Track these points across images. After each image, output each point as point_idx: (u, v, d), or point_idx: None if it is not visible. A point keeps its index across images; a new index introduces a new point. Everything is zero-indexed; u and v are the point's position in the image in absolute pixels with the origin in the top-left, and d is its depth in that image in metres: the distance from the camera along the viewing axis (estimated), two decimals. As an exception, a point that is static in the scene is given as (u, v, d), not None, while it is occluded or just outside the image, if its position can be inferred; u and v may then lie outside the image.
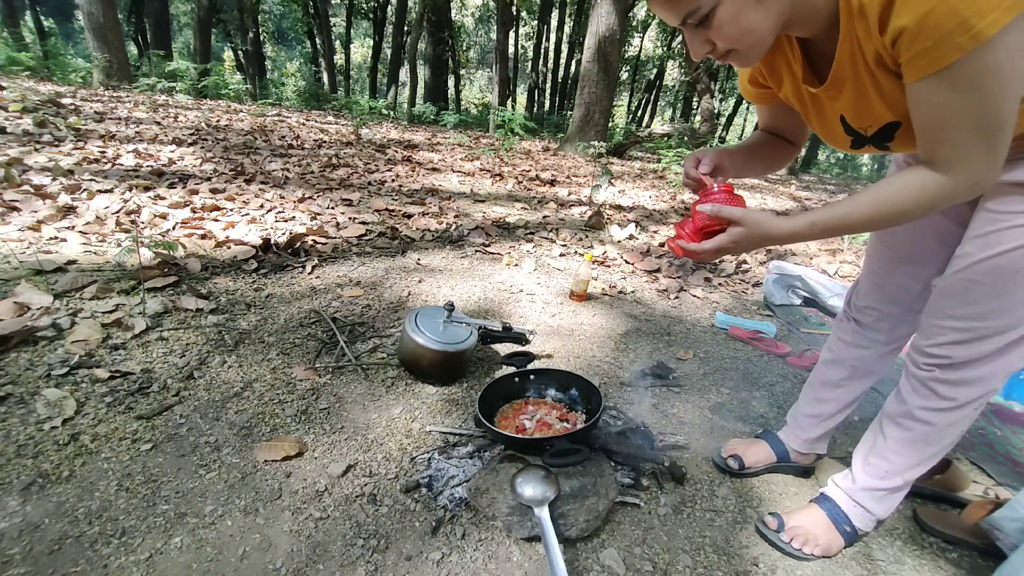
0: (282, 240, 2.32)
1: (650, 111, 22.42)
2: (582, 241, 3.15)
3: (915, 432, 0.98)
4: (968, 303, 0.87)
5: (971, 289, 0.86)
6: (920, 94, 0.67)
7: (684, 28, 0.73)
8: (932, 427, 0.97)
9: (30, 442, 1.10)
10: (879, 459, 1.04)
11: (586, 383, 1.38)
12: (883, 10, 0.62)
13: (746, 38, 0.71)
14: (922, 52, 0.62)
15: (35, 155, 2.99)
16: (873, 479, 1.05)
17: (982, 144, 0.67)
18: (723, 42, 0.72)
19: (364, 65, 26.88)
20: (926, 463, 1.01)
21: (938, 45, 0.60)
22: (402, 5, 15.65)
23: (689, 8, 0.69)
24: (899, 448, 1.01)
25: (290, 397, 1.37)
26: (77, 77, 8.76)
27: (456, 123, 8.29)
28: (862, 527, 1.09)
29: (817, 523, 1.10)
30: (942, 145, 0.69)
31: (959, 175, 0.70)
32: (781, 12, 0.70)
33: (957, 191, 0.71)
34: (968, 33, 0.58)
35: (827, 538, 1.08)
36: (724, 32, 0.71)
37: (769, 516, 1.13)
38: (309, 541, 0.98)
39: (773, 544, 1.10)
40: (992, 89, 0.62)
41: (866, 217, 0.77)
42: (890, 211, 0.75)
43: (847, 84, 0.75)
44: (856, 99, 0.77)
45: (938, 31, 0.59)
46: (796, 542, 1.08)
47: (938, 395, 0.94)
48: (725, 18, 0.69)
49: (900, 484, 1.04)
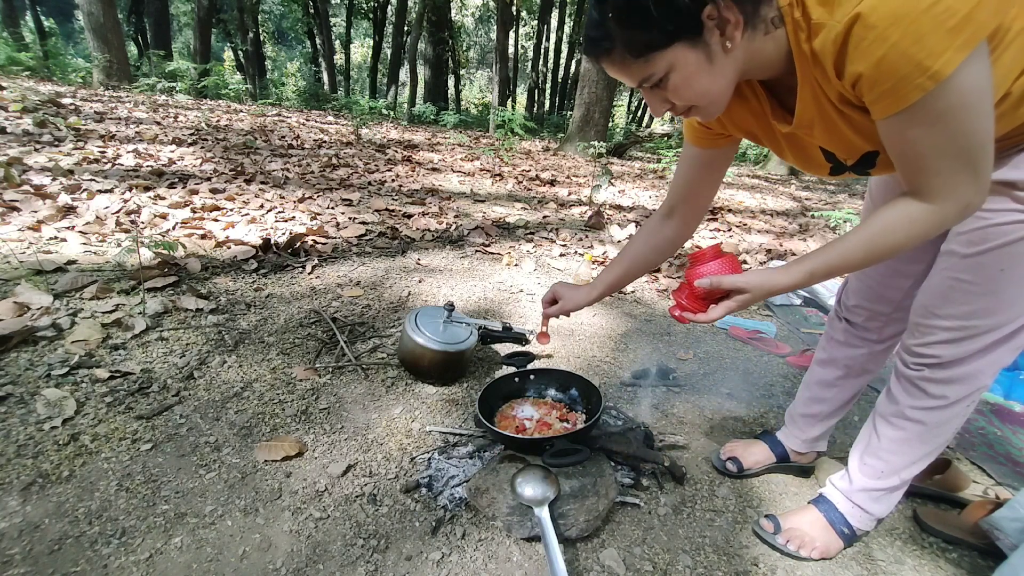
0: (282, 240, 2.32)
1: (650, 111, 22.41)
2: (582, 241, 3.15)
3: (908, 431, 0.99)
4: (955, 302, 0.87)
5: (957, 287, 0.87)
6: (891, 130, 0.68)
7: (642, 90, 0.75)
8: (924, 426, 0.97)
9: (30, 442, 1.10)
10: (874, 459, 1.04)
11: (586, 383, 1.38)
12: (837, 58, 0.63)
13: (703, 99, 0.73)
14: (883, 94, 0.62)
15: (35, 155, 2.99)
16: (870, 479, 1.05)
17: (965, 168, 0.66)
18: (681, 102, 0.74)
19: (364, 65, 26.87)
20: (922, 461, 1.01)
21: (898, 87, 0.60)
22: (402, 5, 15.65)
23: (643, 75, 0.70)
24: (893, 447, 1.01)
25: (290, 397, 1.37)
26: (77, 77, 8.77)
27: (456, 123, 8.30)
28: (861, 527, 1.09)
29: (814, 525, 1.10)
30: (924, 175, 0.69)
31: (947, 201, 0.69)
32: (735, 69, 0.71)
33: (947, 217, 0.70)
34: (925, 74, 0.58)
35: (825, 540, 1.08)
36: (680, 94, 0.72)
37: (765, 519, 1.13)
38: (309, 541, 0.98)
39: (771, 547, 1.10)
40: (962, 119, 0.62)
41: (860, 257, 0.77)
42: (884, 247, 0.75)
43: (816, 123, 0.76)
44: (829, 135, 0.77)
45: (896, 74, 0.60)
46: (792, 544, 1.08)
47: (928, 394, 0.94)
48: (679, 83, 0.70)
49: (897, 483, 1.03)
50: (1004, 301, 0.84)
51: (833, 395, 1.23)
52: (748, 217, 4.61)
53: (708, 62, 0.68)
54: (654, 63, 0.68)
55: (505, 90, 12.81)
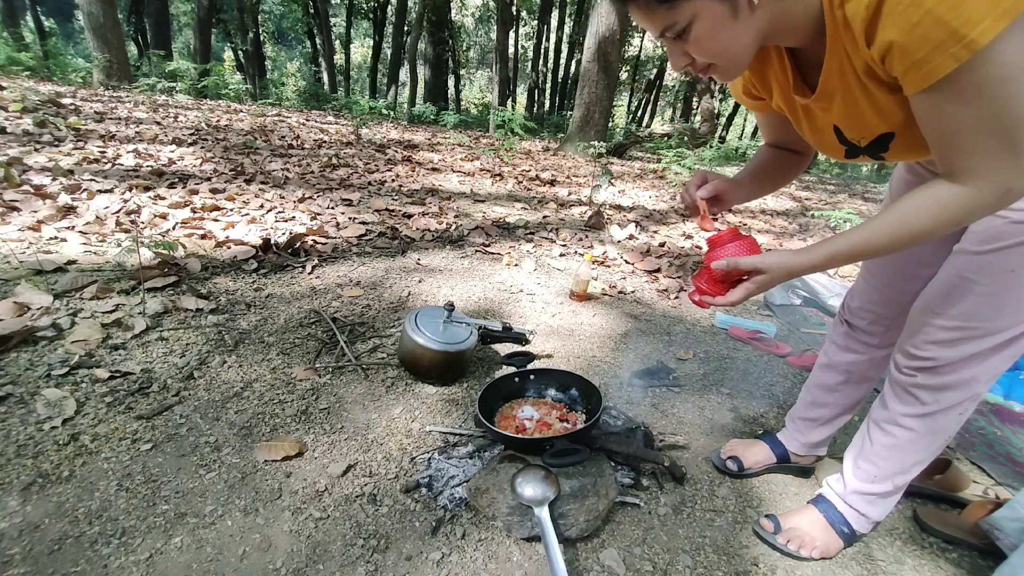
0: (282, 240, 2.32)
1: (650, 111, 22.40)
2: (582, 241, 3.15)
3: (899, 438, 0.98)
4: (957, 301, 0.85)
5: (962, 286, 0.85)
6: (925, 106, 0.64)
7: (664, 40, 0.73)
8: (915, 433, 0.96)
9: (30, 442, 1.10)
10: (867, 463, 1.04)
11: (586, 383, 1.38)
12: (868, 24, 0.60)
13: (723, 54, 0.71)
14: (915, 65, 0.59)
15: (35, 155, 2.99)
16: (863, 483, 1.05)
17: (1004, 148, 0.60)
18: (701, 56, 0.72)
19: (364, 65, 26.88)
20: (914, 469, 1.00)
21: (930, 57, 0.57)
22: (402, 5, 15.65)
23: (666, 22, 0.69)
24: (885, 453, 1.01)
25: (290, 397, 1.37)
26: (77, 77, 8.77)
27: (456, 123, 8.29)
28: (859, 529, 1.09)
29: (814, 524, 1.10)
30: (959, 154, 0.64)
31: (983, 184, 0.64)
32: (760, 28, 0.69)
33: (984, 201, 0.65)
34: (960, 43, 0.55)
35: (824, 539, 1.08)
36: (701, 47, 0.71)
37: (765, 519, 1.13)
38: (309, 541, 0.98)
39: (771, 547, 1.10)
40: (1001, 94, 0.57)
41: (885, 241, 0.73)
42: (912, 231, 0.70)
43: (836, 96, 0.73)
44: (847, 111, 0.75)
45: (928, 42, 0.56)
46: (792, 544, 1.08)
47: (920, 401, 0.93)
48: (701, 34, 0.69)
49: (891, 489, 1.03)
50: (1008, 304, 0.81)
51: (834, 400, 1.22)
52: (748, 217, 4.61)
53: (732, 16, 0.67)
54: (678, 11, 0.67)
55: (505, 90, 12.81)
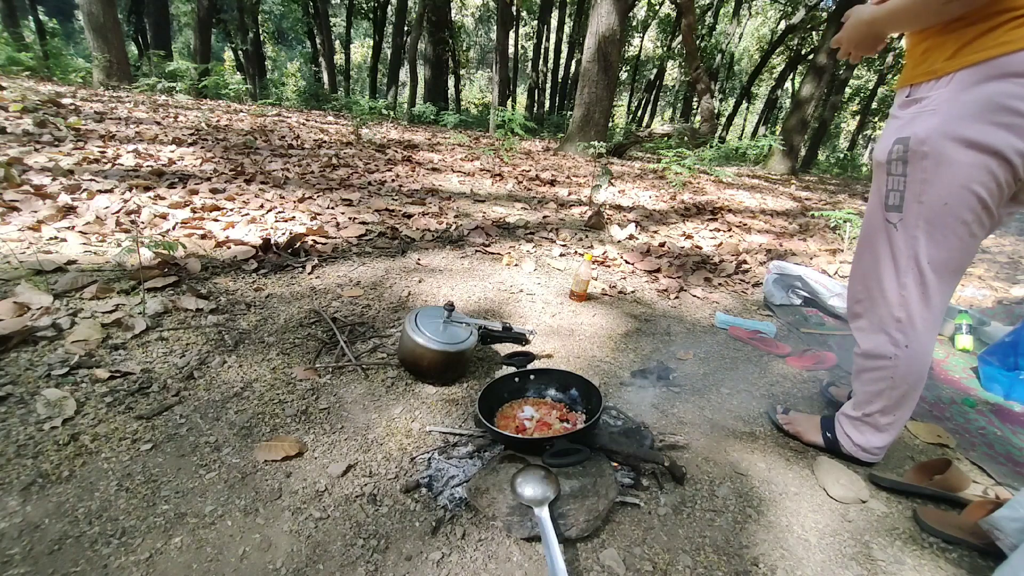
0: (282, 240, 2.32)
1: (650, 111, 22.42)
2: (582, 241, 3.15)
3: (857, 366, 1.31)
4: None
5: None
6: None
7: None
8: (859, 367, 1.30)
9: (30, 442, 1.10)
10: (855, 388, 1.34)
11: (586, 383, 1.38)
12: None
13: None
14: None
15: (35, 155, 2.99)
16: (849, 405, 1.36)
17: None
18: None
19: (364, 65, 26.88)
20: (872, 402, 1.28)
21: None
22: (402, 5, 15.65)
23: None
24: (855, 382, 1.32)
25: (290, 397, 1.38)
26: (77, 77, 8.76)
27: (456, 123, 8.28)
28: (840, 439, 1.36)
29: (810, 421, 1.45)
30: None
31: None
32: None
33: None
34: None
35: (809, 432, 1.42)
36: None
37: (779, 406, 1.53)
38: (309, 541, 0.98)
39: (771, 421, 1.51)
40: None
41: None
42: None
43: None
44: None
45: None
46: (785, 423, 1.47)
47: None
48: None
49: (860, 416, 1.31)
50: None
51: None
52: (748, 217, 4.61)
53: None
54: None
55: (505, 90, 12.81)
